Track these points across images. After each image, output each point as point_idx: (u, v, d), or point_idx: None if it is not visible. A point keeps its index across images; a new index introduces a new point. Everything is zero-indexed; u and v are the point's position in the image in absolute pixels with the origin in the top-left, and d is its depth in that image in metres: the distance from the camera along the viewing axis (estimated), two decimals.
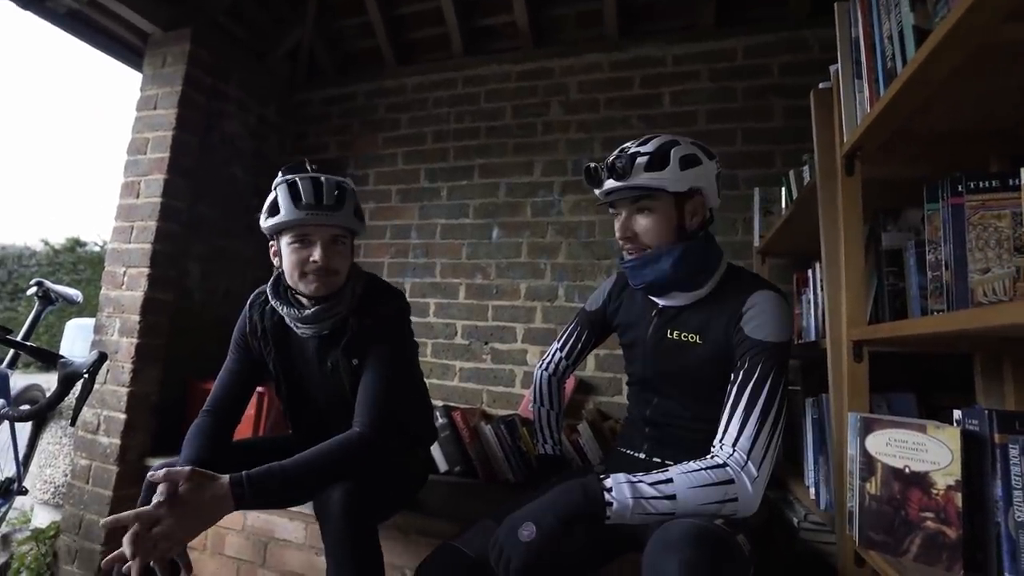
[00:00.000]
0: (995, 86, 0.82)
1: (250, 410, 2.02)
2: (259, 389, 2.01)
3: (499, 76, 2.50)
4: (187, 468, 1.00)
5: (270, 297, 1.30)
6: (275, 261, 1.28)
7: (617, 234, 1.15)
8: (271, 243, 1.28)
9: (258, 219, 1.27)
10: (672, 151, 1.10)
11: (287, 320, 1.29)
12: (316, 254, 1.20)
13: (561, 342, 1.42)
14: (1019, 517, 0.74)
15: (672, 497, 0.88)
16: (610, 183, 1.11)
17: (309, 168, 1.27)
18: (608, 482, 0.90)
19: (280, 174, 1.26)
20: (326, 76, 2.86)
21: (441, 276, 2.45)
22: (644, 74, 2.29)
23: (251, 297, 1.38)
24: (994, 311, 0.64)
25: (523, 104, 2.44)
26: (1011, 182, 0.82)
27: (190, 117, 2.22)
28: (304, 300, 1.27)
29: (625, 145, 1.14)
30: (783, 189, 1.81)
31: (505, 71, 2.49)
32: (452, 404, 2.26)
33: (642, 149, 1.10)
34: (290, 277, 1.24)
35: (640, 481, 0.90)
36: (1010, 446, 0.77)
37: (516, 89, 2.46)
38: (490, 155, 2.45)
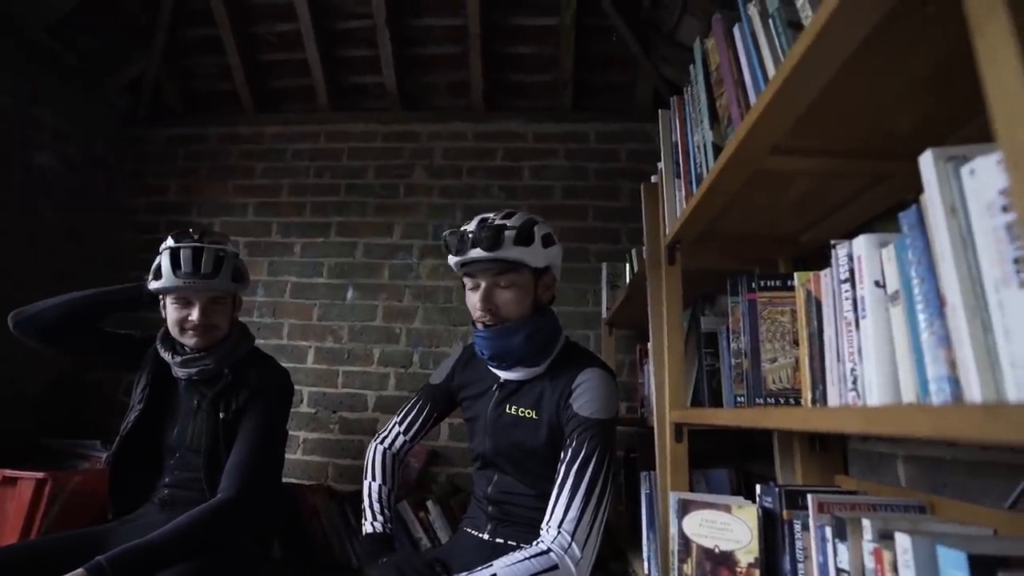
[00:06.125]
0: (775, 200, 0.95)
1: (22, 498, 1.64)
2: (39, 475, 1.66)
3: (364, 135, 2.47)
4: None
5: (157, 343, 1.42)
6: (163, 314, 1.40)
7: (477, 304, 1.13)
8: (160, 297, 1.40)
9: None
10: (535, 228, 1.13)
11: (170, 364, 1.40)
12: (194, 314, 1.34)
13: (400, 417, 1.34)
14: None
15: None
16: (476, 252, 1.09)
17: (193, 236, 1.38)
18: None
19: (168, 239, 1.37)
20: (173, 114, 2.63)
21: (289, 338, 2.27)
22: (507, 147, 2.40)
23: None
24: (767, 413, 0.71)
25: (387, 165, 2.42)
26: (788, 283, 0.93)
27: None
28: (186, 348, 1.40)
29: (487, 216, 1.15)
30: (627, 265, 1.95)
31: (371, 130, 2.47)
32: (293, 480, 2.05)
33: (508, 223, 1.11)
34: (172, 331, 1.38)
35: None
36: (795, 521, 0.84)
37: (381, 149, 2.45)
38: (349, 213, 2.38)
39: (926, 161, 0.48)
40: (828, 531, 0.71)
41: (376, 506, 1.27)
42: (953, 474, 0.80)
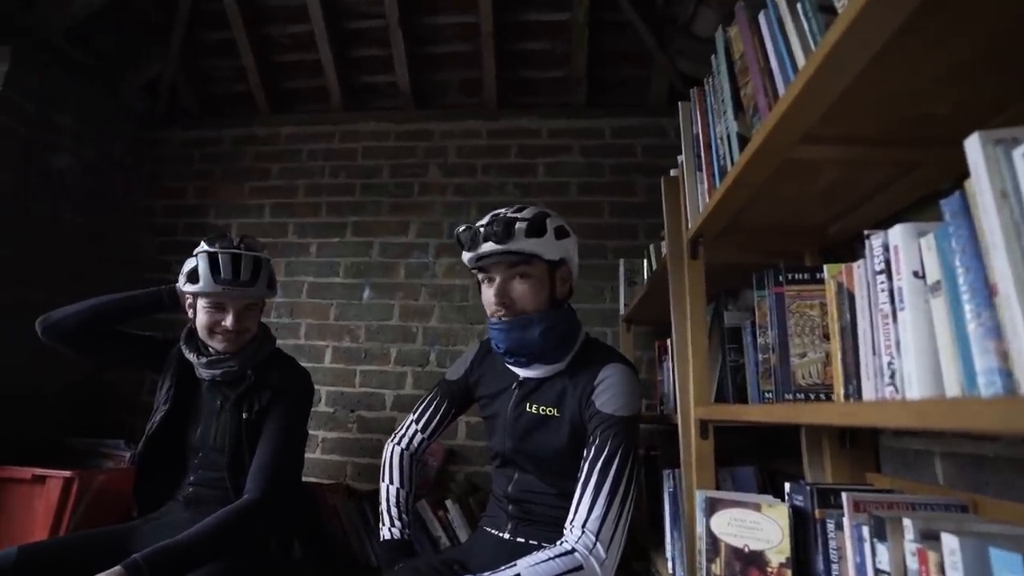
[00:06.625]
0: (802, 191, 0.92)
1: (51, 496, 1.66)
2: (67, 474, 1.69)
3: (378, 134, 2.47)
4: None
5: (181, 343, 1.41)
6: (189, 312, 1.40)
7: (492, 299, 1.12)
8: (186, 296, 1.39)
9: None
10: (547, 220, 1.12)
11: (194, 365, 1.40)
12: (228, 320, 1.34)
13: (417, 414, 1.32)
14: None
15: None
16: (488, 246, 1.08)
17: (233, 241, 1.39)
18: None
19: (203, 243, 1.37)
20: (189, 116, 2.65)
21: (306, 338, 2.28)
22: (521, 144, 2.38)
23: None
24: (800, 409, 0.69)
25: (401, 164, 2.42)
26: (817, 275, 0.91)
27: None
28: (211, 349, 1.39)
29: (498, 211, 1.14)
30: (645, 261, 1.93)
31: (384, 129, 2.47)
32: (312, 479, 2.05)
33: (520, 215, 1.11)
34: (201, 332, 1.37)
35: None
36: (827, 520, 0.82)
37: (395, 148, 2.44)
38: (364, 213, 2.38)
39: (972, 144, 0.46)
40: (865, 531, 0.68)
41: (393, 511, 1.24)
42: (996, 472, 0.77)
